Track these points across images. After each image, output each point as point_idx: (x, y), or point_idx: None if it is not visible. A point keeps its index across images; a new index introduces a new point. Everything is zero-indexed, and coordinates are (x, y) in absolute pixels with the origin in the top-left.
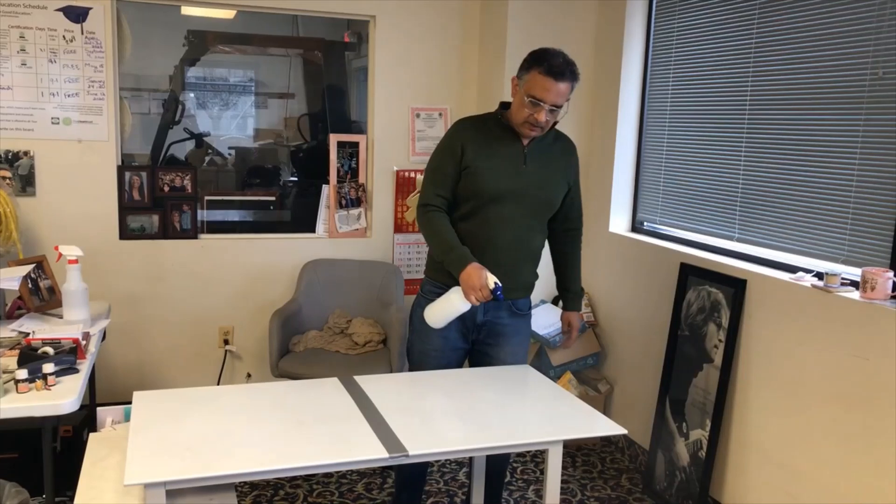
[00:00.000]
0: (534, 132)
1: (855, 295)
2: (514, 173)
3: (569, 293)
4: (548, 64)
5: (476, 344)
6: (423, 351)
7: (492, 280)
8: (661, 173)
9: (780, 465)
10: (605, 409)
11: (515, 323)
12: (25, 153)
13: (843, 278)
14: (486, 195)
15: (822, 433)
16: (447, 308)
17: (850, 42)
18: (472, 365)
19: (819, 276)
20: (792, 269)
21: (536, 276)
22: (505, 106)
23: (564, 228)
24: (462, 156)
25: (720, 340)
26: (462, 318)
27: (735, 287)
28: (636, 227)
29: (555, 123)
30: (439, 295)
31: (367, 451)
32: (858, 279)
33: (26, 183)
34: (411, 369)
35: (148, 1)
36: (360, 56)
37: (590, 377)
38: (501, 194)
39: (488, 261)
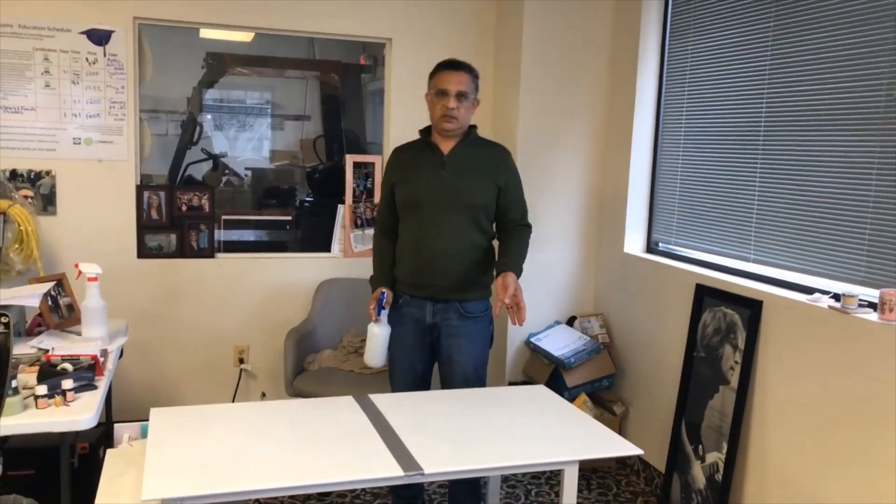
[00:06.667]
0: (451, 123)
1: (873, 316)
2: (433, 180)
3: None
4: (442, 63)
5: (433, 346)
6: (396, 371)
7: (380, 292)
8: (675, 194)
9: (798, 489)
10: (621, 431)
11: (465, 325)
12: (47, 173)
13: (860, 300)
14: (412, 203)
15: (842, 456)
16: (371, 341)
17: (865, 63)
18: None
19: (836, 297)
20: (808, 291)
21: (484, 277)
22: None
23: (508, 224)
24: (391, 177)
25: (736, 362)
26: (415, 322)
27: (751, 308)
28: (651, 247)
29: (473, 126)
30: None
31: (382, 469)
32: (876, 301)
33: (47, 202)
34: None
35: (168, 24)
36: (376, 79)
37: (605, 399)
38: (423, 201)
39: (424, 262)
